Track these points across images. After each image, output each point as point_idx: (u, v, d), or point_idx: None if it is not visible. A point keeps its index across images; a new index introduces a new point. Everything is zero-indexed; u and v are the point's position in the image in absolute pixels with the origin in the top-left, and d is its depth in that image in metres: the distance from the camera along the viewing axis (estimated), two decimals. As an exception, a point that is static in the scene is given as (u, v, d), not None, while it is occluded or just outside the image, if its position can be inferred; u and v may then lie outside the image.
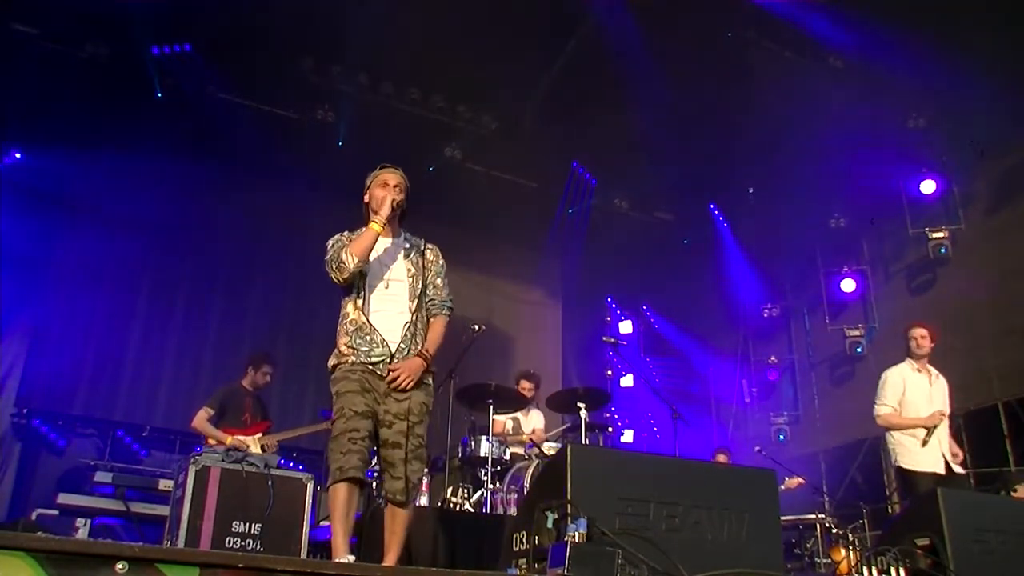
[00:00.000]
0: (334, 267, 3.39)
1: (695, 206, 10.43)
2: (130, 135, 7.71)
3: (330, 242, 3.52)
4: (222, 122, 8.19)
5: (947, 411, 5.41)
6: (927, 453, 5.20)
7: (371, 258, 3.44)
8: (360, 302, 3.40)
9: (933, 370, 5.53)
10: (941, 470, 5.20)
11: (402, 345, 3.37)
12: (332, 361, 3.40)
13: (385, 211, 3.40)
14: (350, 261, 3.34)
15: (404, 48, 7.84)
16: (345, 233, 3.54)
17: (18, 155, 8.07)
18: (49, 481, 7.03)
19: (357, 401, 3.23)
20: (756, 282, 10.52)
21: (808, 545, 6.41)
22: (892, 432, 5.40)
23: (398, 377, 3.31)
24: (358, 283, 3.42)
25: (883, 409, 5.41)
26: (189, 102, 8.05)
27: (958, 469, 5.29)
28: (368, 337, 3.34)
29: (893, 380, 5.44)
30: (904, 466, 5.30)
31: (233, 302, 8.89)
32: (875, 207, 9.20)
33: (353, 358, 3.32)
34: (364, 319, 3.37)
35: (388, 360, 3.33)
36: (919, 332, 5.44)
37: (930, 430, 5.20)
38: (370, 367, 3.32)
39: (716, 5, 7.33)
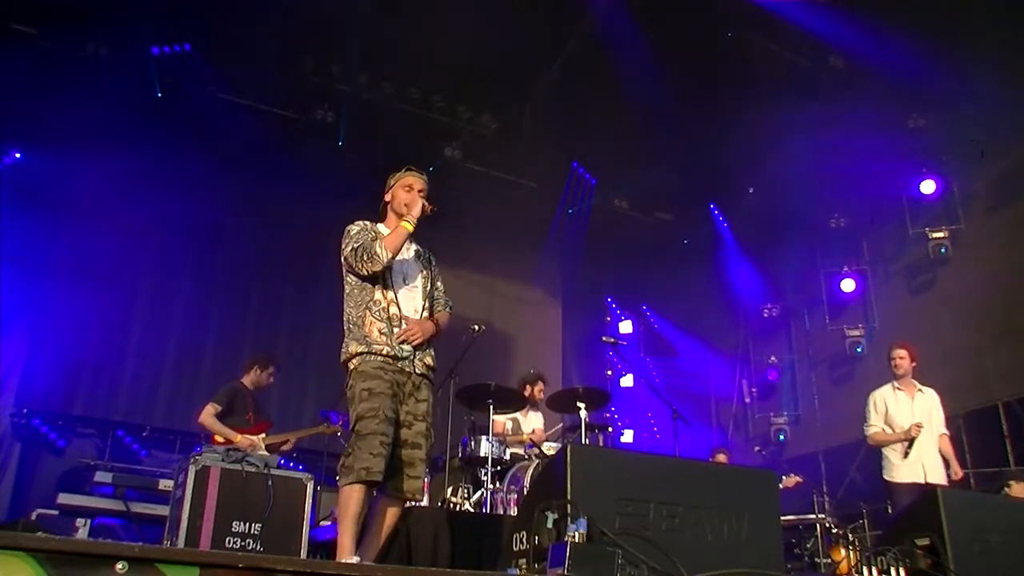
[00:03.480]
0: (364, 257, 3.36)
1: (695, 206, 10.44)
2: (130, 135, 7.70)
3: (353, 228, 3.50)
4: (222, 122, 8.18)
5: (938, 423, 5.74)
6: (906, 465, 5.57)
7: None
8: (390, 294, 3.43)
9: (918, 385, 5.82)
10: (920, 479, 5.49)
11: (422, 343, 3.45)
12: (359, 348, 3.34)
13: (417, 211, 3.47)
14: (384, 255, 3.35)
15: (404, 48, 7.85)
16: (367, 223, 3.52)
17: (18, 155, 8.07)
18: (49, 481, 7.03)
19: (389, 405, 3.24)
20: (756, 282, 10.52)
21: (808, 545, 6.42)
22: (882, 448, 5.79)
23: (412, 332, 3.37)
24: (385, 275, 3.45)
25: (871, 430, 5.82)
26: (189, 102, 8.05)
27: (936, 479, 5.49)
28: (398, 331, 3.38)
29: (874, 402, 5.85)
30: (886, 478, 5.71)
31: (233, 302, 8.89)
32: (875, 207, 9.21)
33: (387, 349, 3.32)
34: (397, 311, 3.41)
35: (412, 357, 3.38)
36: (897, 353, 5.79)
37: (911, 442, 5.54)
38: (399, 365, 3.34)
39: (716, 5, 7.33)
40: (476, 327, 5.70)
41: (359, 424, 3.20)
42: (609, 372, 10.55)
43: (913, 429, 5.51)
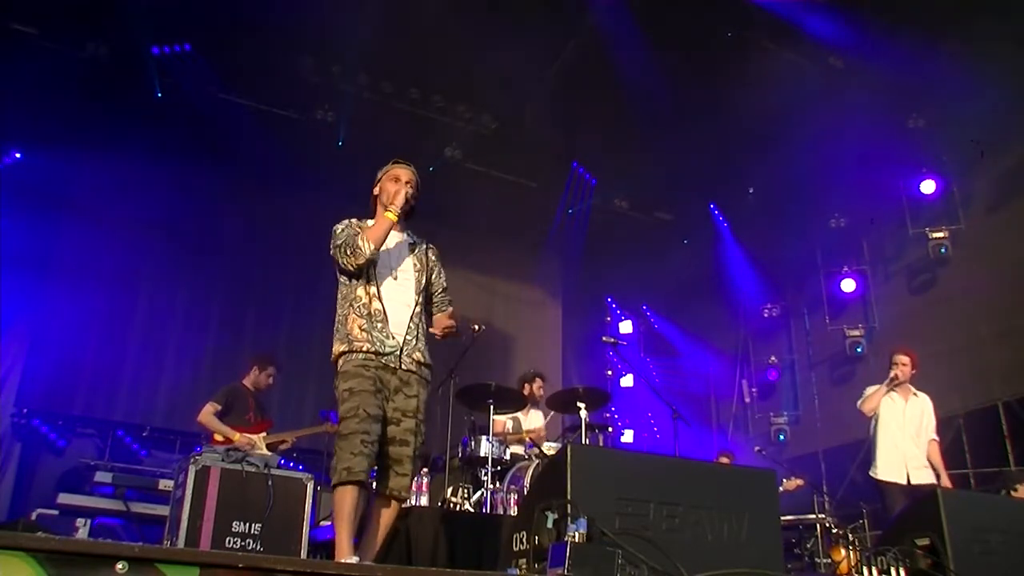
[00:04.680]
0: (348, 252, 3.36)
1: (695, 206, 10.43)
2: (130, 135, 7.70)
3: (339, 227, 3.48)
4: (222, 122, 8.18)
5: (929, 429, 5.73)
6: (887, 463, 5.61)
7: (381, 248, 3.48)
8: (372, 288, 3.39)
9: (913, 389, 5.81)
10: (902, 480, 5.51)
11: (408, 337, 3.40)
12: (341, 347, 3.32)
13: (399, 202, 3.44)
14: (366, 248, 3.34)
15: (404, 48, 7.84)
16: (353, 220, 3.51)
17: (18, 155, 8.07)
18: (49, 481, 7.03)
19: (371, 403, 3.20)
20: (756, 282, 10.52)
21: (808, 545, 6.42)
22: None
23: (453, 327, 3.52)
24: (368, 270, 3.42)
25: (860, 401, 5.89)
26: (189, 102, 8.04)
27: (919, 480, 5.49)
28: (380, 325, 3.34)
29: (868, 392, 5.90)
30: (871, 475, 5.75)
31: (233, 302, 8.89)
32: (875, 207, 9.21)
33: (368, 346, 3.29)
34: (379, 305, 3.37)
35: (398, 353, 3.34)
36: (900, 359, 5.76)
37: (891, 381, 5.66)
38: (383, 361, 3.31)
39: (716, 5, 7.32)
40: (476, 327, 5.70)
41: (341, 424, 3.20)
42: (609, 372, 10.55)
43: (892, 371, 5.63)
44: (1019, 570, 3.54)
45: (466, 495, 5.32)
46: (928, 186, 8.63)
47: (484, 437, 5.54)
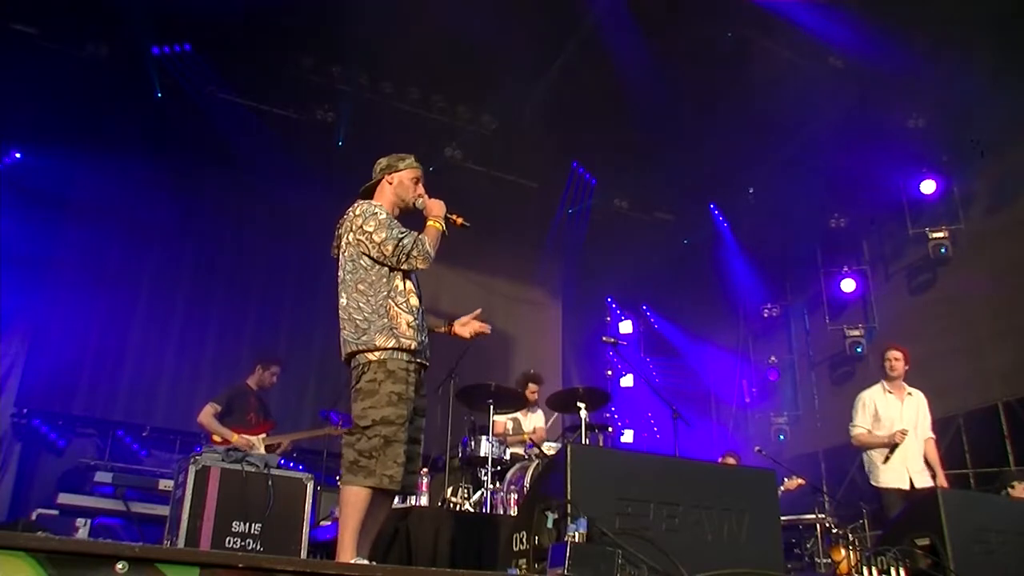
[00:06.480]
0: (418, 256, 3.22)
1: (695, 206, 10.44)
2: (130, 135, 7.71)
3: (382, 215, 3.29)
4: (222, 122, 8.20)
5: (925, 427, 5.70)
6: (890, 470, 5.52)
7: None
8: (409, 283, 3.31)
9: (907, 388, 5.76)
10: (905, 486, 5.46)
11: (427, 334, 3.40)
12: (388, 341, 3.13)
13: (442, 213, 3.46)
14: (432, 257, 3.28)
15: (404, 48, 7.85)
16: (395, 219, 3.36)
17: (18, 155, 8.06)
18: (49, 481, 7.02)
19: (411, 409, 3.16)
20: (756, 282, 10.52)
21: (808, 545, 6.42)
22: (865, 451, 5.77)
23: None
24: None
25: (856, 430, 5.78)
26: (189, 102, 8.05)
27: (922, 484, 5.46)
28: (419, 323, 3.27)
29: (863, 402, 5.80)
30: (872, 482, 5.68)
31: (233, 302, 8.88)
32: (875, 207, 9.21)
33: (415, 344, 3.18)
34: (416, 301, 3.30)
35: (427, 350, 3.31)
36: (892, 354, 5.72)
37: (892, 448, 5.50)
38: (419, 360, 3.23)
39: (716, 5, 7.33)
40: (477, 327, 5.69)
41: (386, 429, 3.05)
42: (609, 372, 10.56)
43: (897, 435, 5.48)
44: (1019, 570, 3.55)
45: (466, 495, 5.32)
46: (928, 186, 8.63)
47: (484, 437, 5.54)
